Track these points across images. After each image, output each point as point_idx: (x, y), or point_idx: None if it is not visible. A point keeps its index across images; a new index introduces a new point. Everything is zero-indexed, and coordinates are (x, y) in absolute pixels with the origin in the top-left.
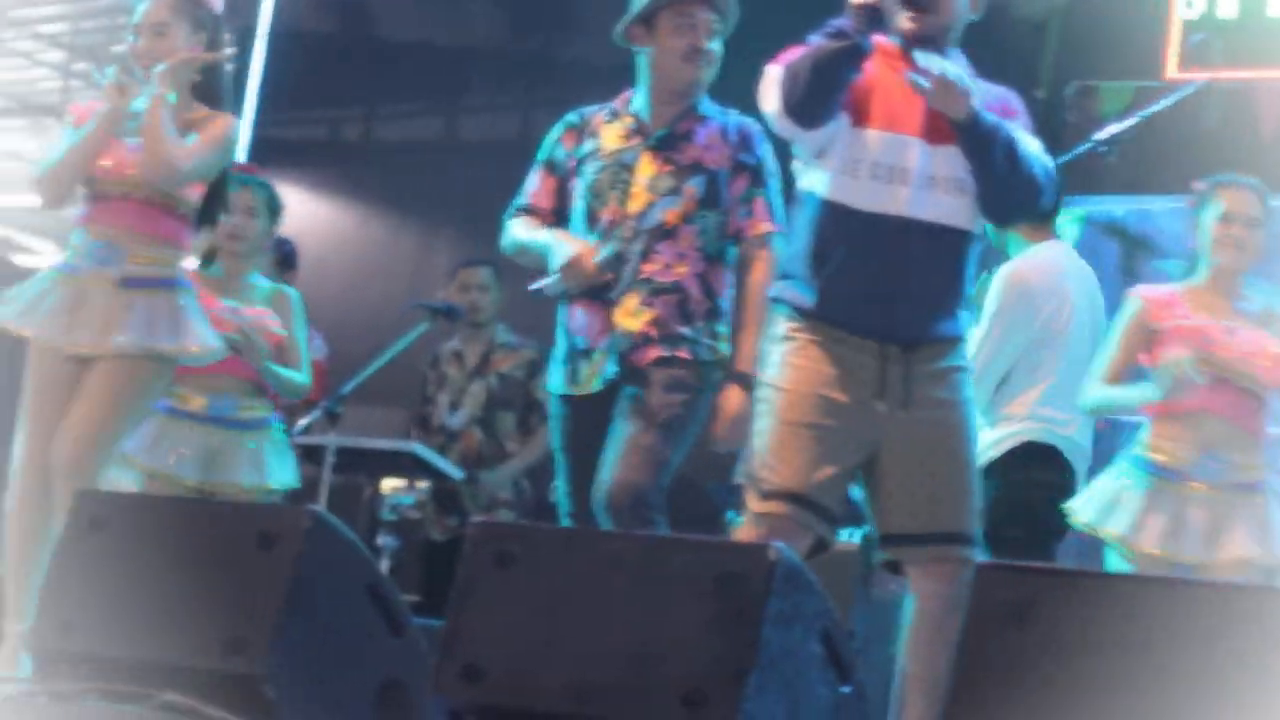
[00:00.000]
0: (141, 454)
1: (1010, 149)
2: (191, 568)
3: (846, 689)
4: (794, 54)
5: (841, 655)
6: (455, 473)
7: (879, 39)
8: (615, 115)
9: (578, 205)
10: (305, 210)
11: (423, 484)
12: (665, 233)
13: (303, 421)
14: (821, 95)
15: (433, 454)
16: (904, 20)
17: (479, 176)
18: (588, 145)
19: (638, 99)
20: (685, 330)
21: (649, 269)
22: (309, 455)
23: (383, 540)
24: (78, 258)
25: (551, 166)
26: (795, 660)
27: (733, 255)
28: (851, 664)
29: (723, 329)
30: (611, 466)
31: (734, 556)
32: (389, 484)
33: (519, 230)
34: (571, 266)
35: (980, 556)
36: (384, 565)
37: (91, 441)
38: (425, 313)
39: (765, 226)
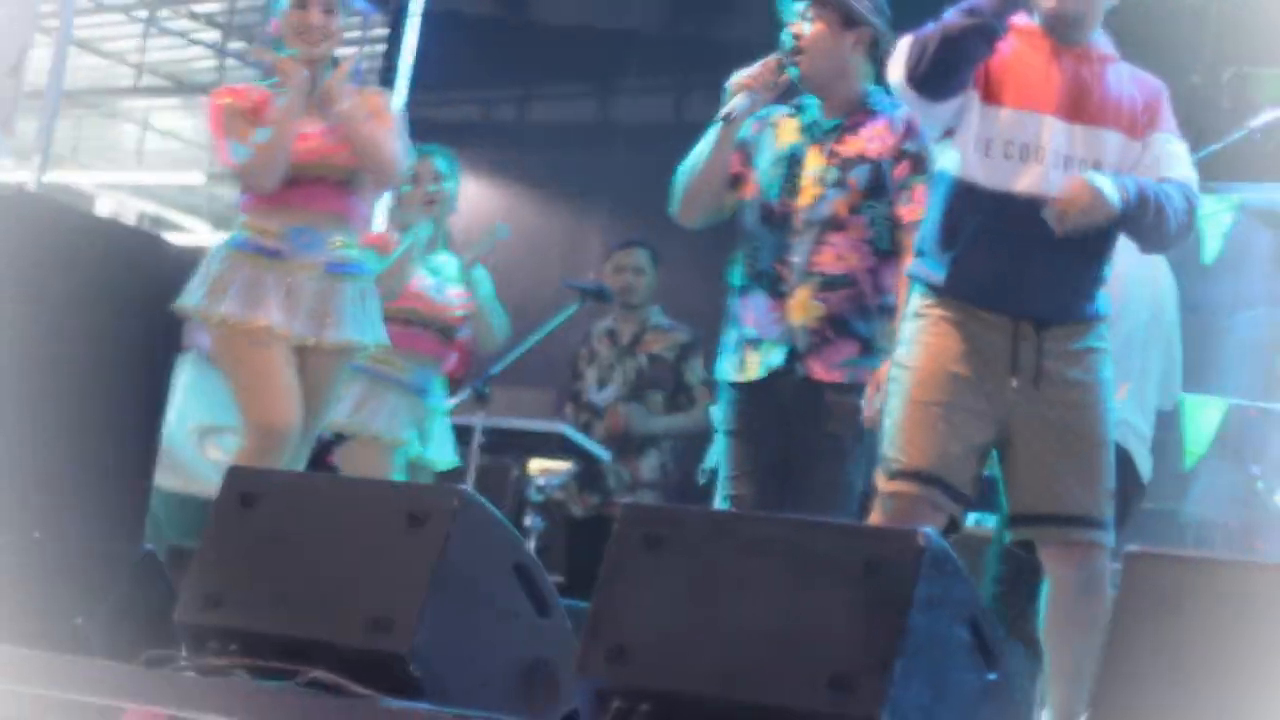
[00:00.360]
0: (344, 417)
1: (1159, 209)
2: (340, 545)
3: (993, 676)
4: (923, 29)
5: (988, 642)
6: (602, 454)
7: (1019, 20)
8: (794, 111)
9: (752, 201)
10: (473, 191)
11: (568, 464)
12: (835, 224)
13: (451, 402)
14: (946, 70)
15: (580, 435)
16: (1046, 0)
17: (632, 159)
18: (766, 136)
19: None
20: (861, 326)
21: (820, 261)
22: (457, 435)
23: (530, 520)
24: (273, 240)
25: (740, 143)
26: (942, 646)
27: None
28: (998, 651)
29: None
30: (804, 503)
31: (882, 541)
32: (537, 464)
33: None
34: (744, 78)
35: (1111, 540)
36: (531, 545)
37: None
38: (575, 294)
39: (923, 212)
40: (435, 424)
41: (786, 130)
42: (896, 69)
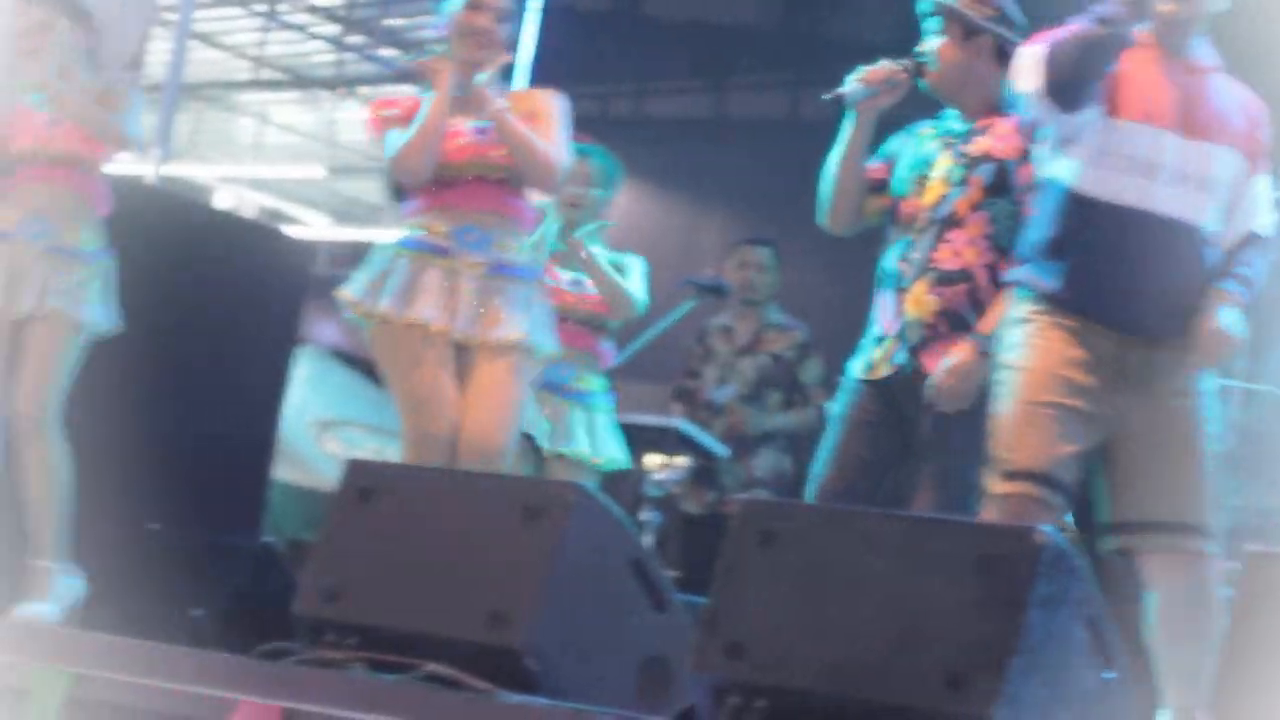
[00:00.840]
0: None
1: (1253, 292)
2: (458, 539)
3: (1111, 675)
4: (1055, 36)
5: (1107, 641)
6: (720, 449)
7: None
8: (935, 123)
9: (888, 205)
10: None
11: (685, 460)
12: (955, 221)
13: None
14: (1079, 80)
15: (697, 430)
16: (1165, 4)
17: (748, 155)
18: (909, 145)
19: None
20: (975, 321)
21: (938, 257)
22: None
23: (646, 515)
24: (441, 239)
25: (887, 154)
26: (1060, 645)
27: None
28: (1117, 650)
29: None
30: (920, 499)
31: (1000, 538)
32: (653, 460)
33: None
34: (864, 72)
35: (1218, 548)
36: (647, 540)
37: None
38: (693, 289)
39: None
40: (601, 423)
41: (926, 138)
42: (1029, 80)
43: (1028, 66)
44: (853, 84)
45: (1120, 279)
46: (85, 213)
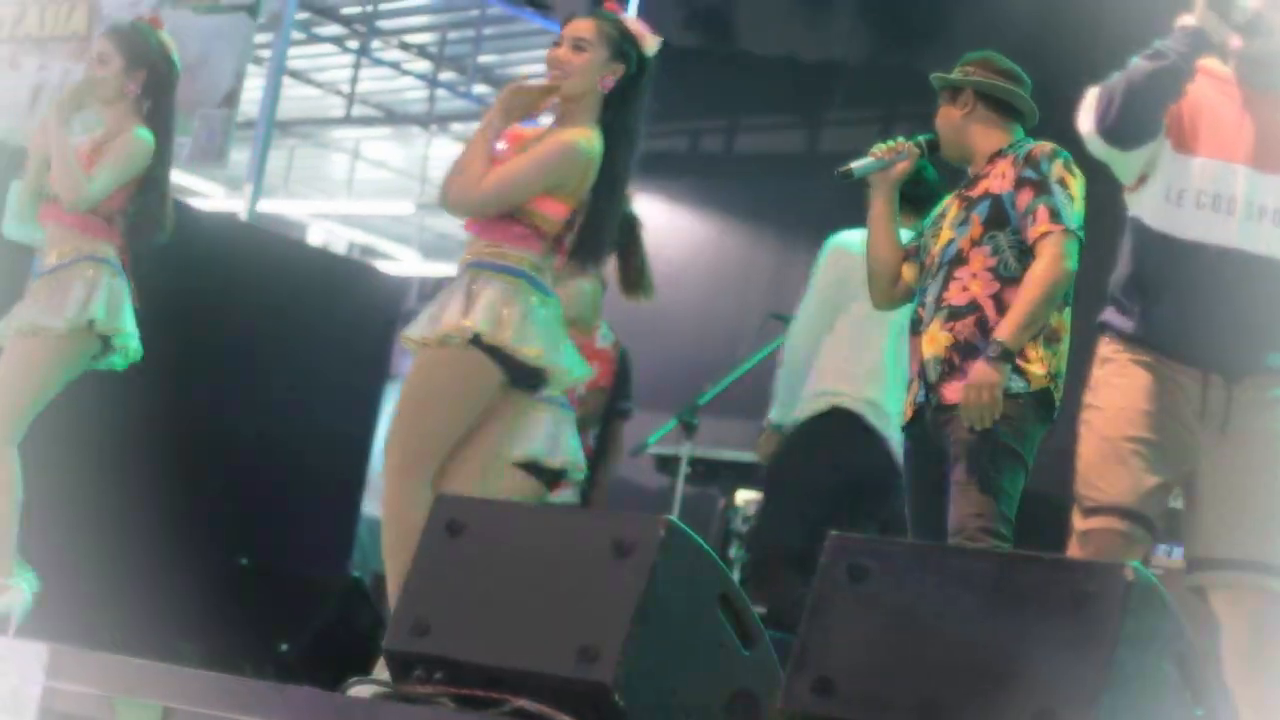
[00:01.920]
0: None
1: None
2: (546, 574)
3: (1200, 712)
4: (1112, 77)
5: (1195, 677)
6: None
7: (1206, 61)
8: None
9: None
10: (665, 220)
11: None
12: (960, 259)
13: (658, 432)
14: (1136, 116)
15: None
16: (1233, 40)
17: (838, 190)
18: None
19: None
20: (986, 348)
21: (948, 296)
22: (664, 465)
23: (735, 552)
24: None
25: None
26: (1148, 681)
27: None
28: (1206, 686)
29: (1030, 350)
30: (952, 511)
31: (1089, 575)
32: (742, 495)
33: None
34: (875, 148)
35: None
36: (736, 576)
37: None
38: (783, 324)
39: (1044, 227)
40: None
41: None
42: (1086, 120)
43: (1086, 106)
44: (862, 159)
45: (1199, 316)
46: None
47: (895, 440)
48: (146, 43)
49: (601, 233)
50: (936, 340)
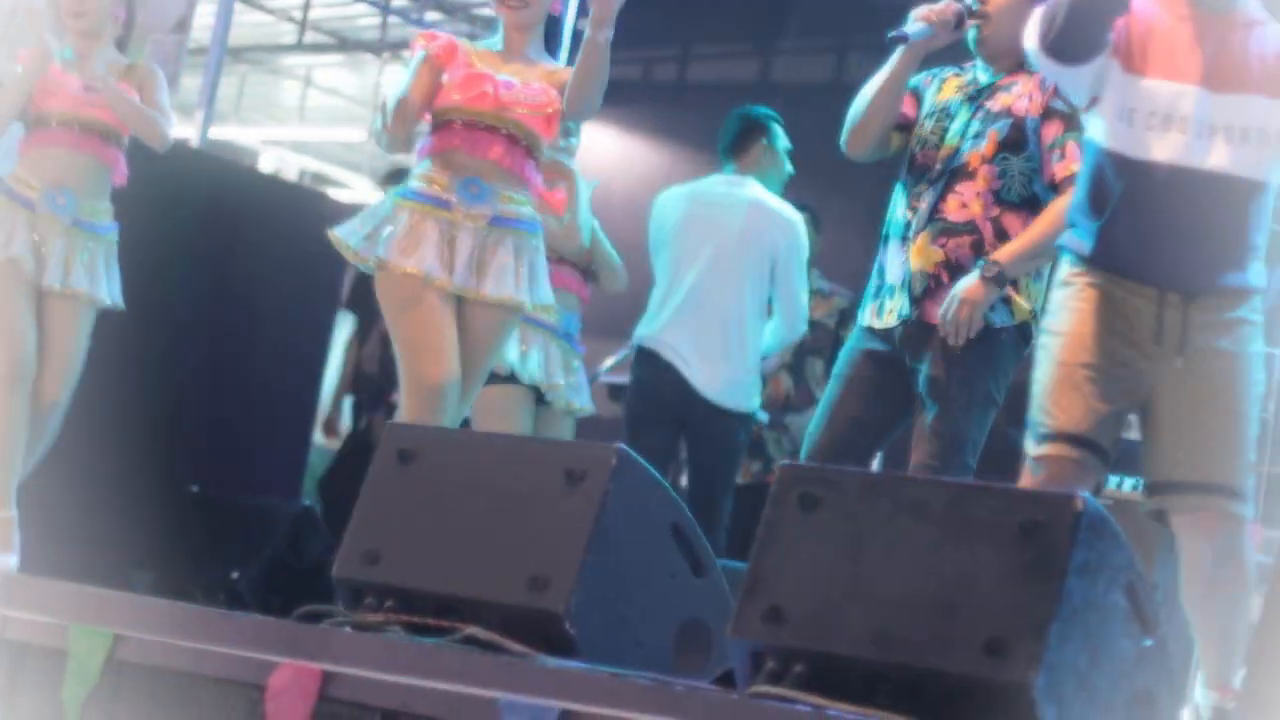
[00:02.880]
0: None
1: None
2: (497, 503)
3: (1149, 642)
4: None
5: (1144, 608)
6: (762, 416)
7: None
8: (961, 71)
9: (904, 151)
10: (618, 149)
11: None
12: (965, 173)
13: (610, 361)
14: (1078, 31)
15: None
16: None
17: (792, 119)
18: (930, 90)
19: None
20: None
21: (944, 208)
22: (616, 394)
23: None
24: (442, 190)
25: (913, 89)
26: (1098, 611)
27: (1040, 205)
28: (1155, 616)
29: (1023, 281)
30: (915, 449)
31: (1039, 505)
32: None
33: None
34: (927, 10)
35: (1251, 513)
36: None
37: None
38: None
39: (1075, 166)
40: (579, 369)
41: (949, 87)
42: (1031, 36)
43: (1031, 23)
44: (914, 23)
45: (1152, 234)
46: (105, 186)
47: (692, 374)
48: None
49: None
50: (926, 254)
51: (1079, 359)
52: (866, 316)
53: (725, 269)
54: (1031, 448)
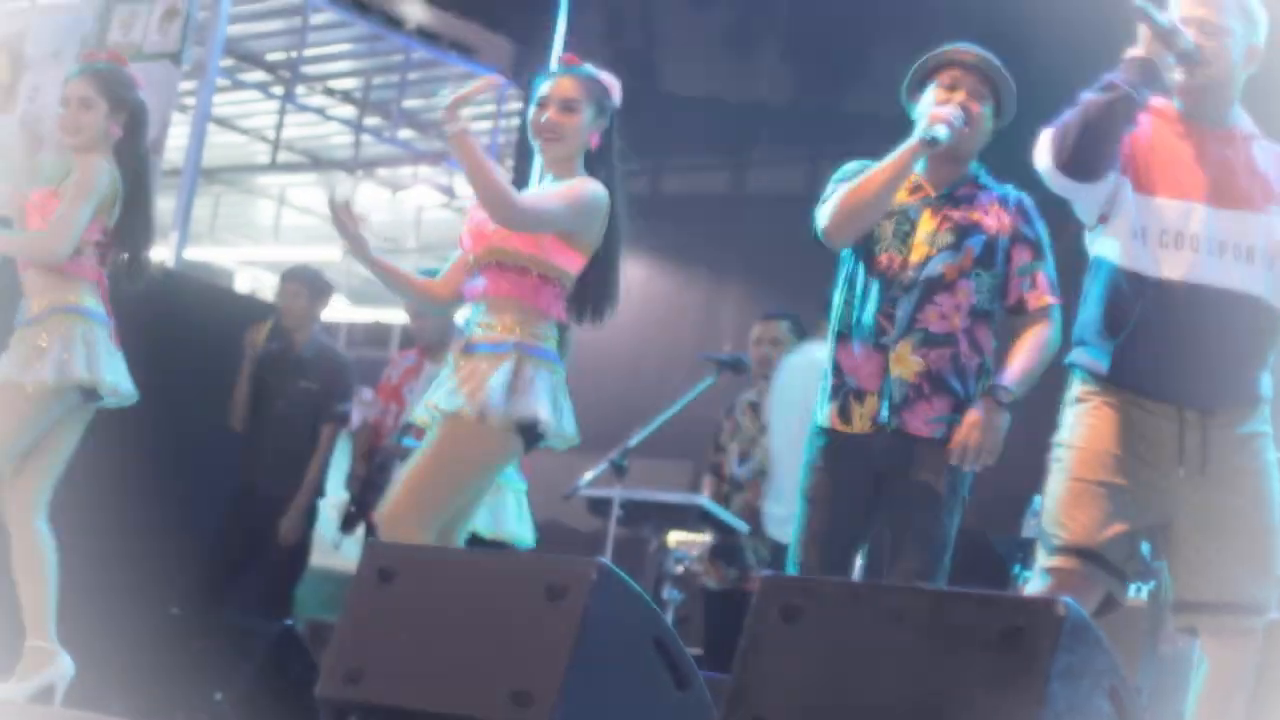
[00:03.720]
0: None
1: None
2: (478, 619)
3: None
4: (1063, 112)
5: (1128, 712)
6: (741, 526)
7: (1156, 99)
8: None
9: (859, 249)
10: None
11: (705, 537)
12: (943, 285)
13: (589, 475)
14: (1093, 148)
15: (718, 508)
16: (1177, 74)
17: (765, 230)
18: None
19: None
20: (957, 384)
21: (924, 319)
22: (595, 508)
23: (668, 593)
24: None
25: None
26: (1082, 716)
27: (997, 318)
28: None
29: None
30: (901, 553)
31: (1021, 611)
32: (675, 537)
33: (841, 190)
34: (945, 114)
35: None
36: (669, 618)
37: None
38: (712, 365)
39: (1048, 299)
40: (507, 499)
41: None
42: (1043, 156)
43: (1042, 144)
44: (942, 129)
45: (1169, 352)
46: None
47: None
48: (124, 83)
49: (615, 286)
50: (906, 362)
51: (1095, 475)
52: (825, 418)
53: None
54: (1042, 558)
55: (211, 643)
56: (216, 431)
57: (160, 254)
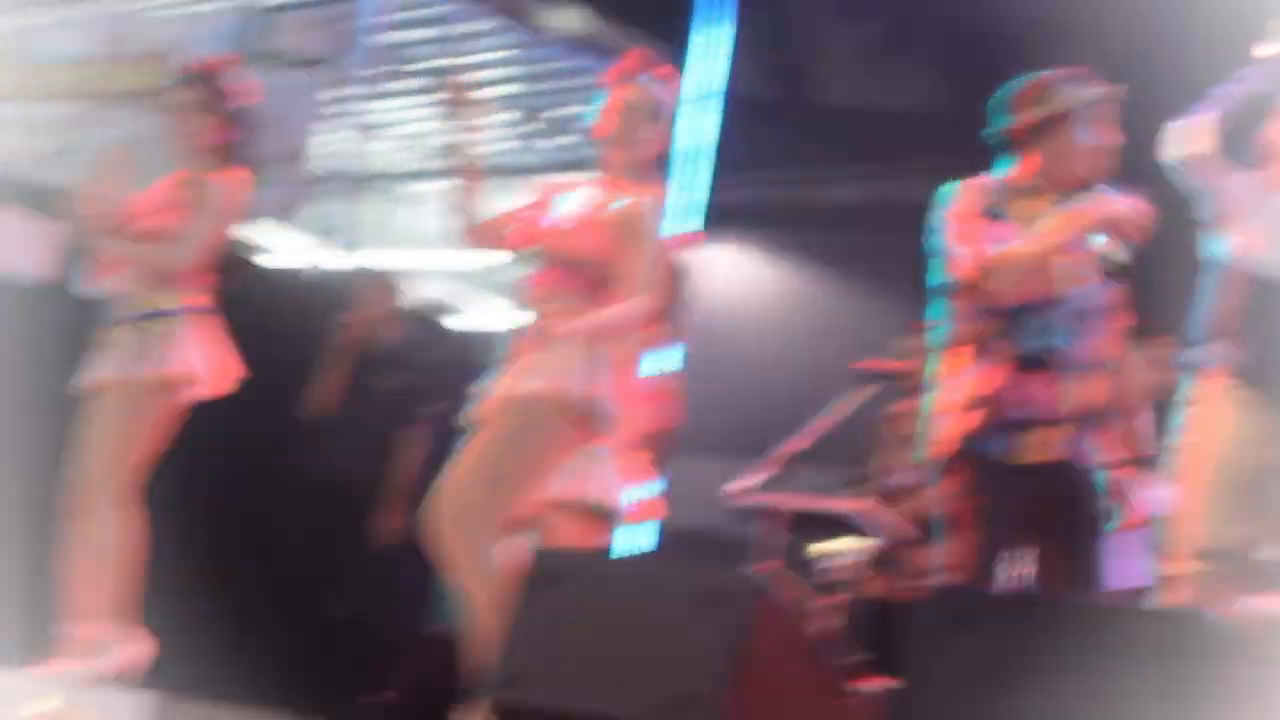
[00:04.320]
0: None
1: None
2: (642, 624)
3: None
4: (1204, 106)
5: None
6: (903, 533)
7: None
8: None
9: None
10: (756, 272)
11: (865, 543)
12: (1101, 313)
13: (748, 483)
14: (1226, 142)
15: (876, 515)
16: None
17: (918, 240)
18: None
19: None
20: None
21: (1084, 348)
22: (751, 514)
23: (826, 600)
24: None
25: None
26: None
27: None
28: None
29: None
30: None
31: (1177, 625)
32: (833, 544)
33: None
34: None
35: None
36: (829, 625)
37: None
38: (867, 375)
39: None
40: None
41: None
42: (1174, 148)
43: (1179, 134)
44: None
45: None
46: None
47: None
48: (225, 93)
49: None
50: (1085, 392)
51: (1216, 476)
52: (1003, 451)
53: None
54: (1174, 565)
55: (364, 645)
56: (376, 438)
57: (326, 260)
